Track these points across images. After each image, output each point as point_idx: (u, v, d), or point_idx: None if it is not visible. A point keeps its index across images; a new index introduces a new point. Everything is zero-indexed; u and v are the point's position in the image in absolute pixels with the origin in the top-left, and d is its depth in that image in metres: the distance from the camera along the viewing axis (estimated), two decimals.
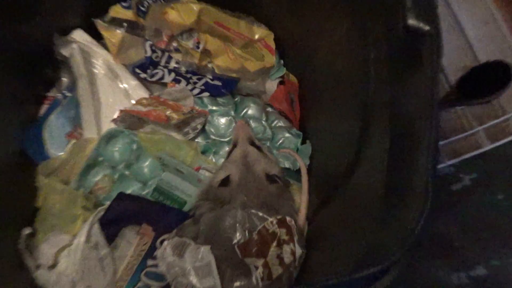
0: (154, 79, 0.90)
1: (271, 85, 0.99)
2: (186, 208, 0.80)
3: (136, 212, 0.76)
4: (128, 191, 0.83)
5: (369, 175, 0.59)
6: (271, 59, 0.95)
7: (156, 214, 0.76)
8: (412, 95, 0.49)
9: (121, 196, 0.78)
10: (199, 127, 0.89)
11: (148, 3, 0.87)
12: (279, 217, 0.66)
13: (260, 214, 0.66)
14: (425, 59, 0.47)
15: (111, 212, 0.75)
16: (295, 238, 0.64)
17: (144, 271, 0.71)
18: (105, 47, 0.88)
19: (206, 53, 0.90)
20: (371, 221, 0.53)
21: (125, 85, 0.90)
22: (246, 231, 0.64)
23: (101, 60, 0.87)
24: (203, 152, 0.89)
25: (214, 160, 0.88)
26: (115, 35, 0.85)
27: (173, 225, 0.73)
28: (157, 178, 0.83)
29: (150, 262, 0.72)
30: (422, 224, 0.44)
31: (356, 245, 0.54)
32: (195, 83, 0.92)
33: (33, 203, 0.78)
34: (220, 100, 0.93)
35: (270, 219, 0.65)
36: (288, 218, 0.66)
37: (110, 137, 0.85)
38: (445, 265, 0.86)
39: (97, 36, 0.87)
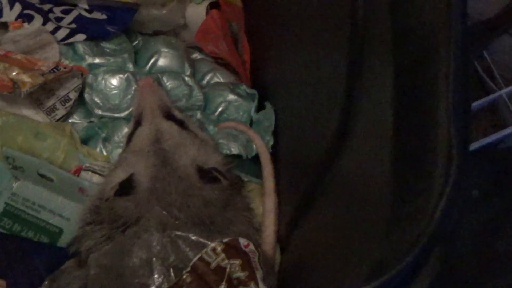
0: None
1: (196, 12, 0.87)
2: (62, 242, 0.71)
3: None
4: None
5: (367, 147, 0.52)
6: None
7: (9, 257, 0.67)
8: None
9: None
10: (73, 96, 0.76)
11: None
12: (226, 240, 0.59)
13: (193, 237, 0.59)
14: None
15: None
16: (258, 274, 0.56)
17: None
18: None
19: None
20: (378, 220, 0.46)
21: None
22: (171, 270, 0.57)
23: None
24: (85, 141, 0.77)
25: (105, 152, 0.76)
26: None
27: (41, 273, 0.65)
28: (5, 193, 0.72)
29: None
30: (444, 210, 0.39)
31: (359, 265, 0.46)
32: (59, 19, 0.79)
33: None
34: (107, 45, 0.81)
35: (212, 245, 0.58)
36: (243, 241, 0.59)
37: None
38: None
39: None
